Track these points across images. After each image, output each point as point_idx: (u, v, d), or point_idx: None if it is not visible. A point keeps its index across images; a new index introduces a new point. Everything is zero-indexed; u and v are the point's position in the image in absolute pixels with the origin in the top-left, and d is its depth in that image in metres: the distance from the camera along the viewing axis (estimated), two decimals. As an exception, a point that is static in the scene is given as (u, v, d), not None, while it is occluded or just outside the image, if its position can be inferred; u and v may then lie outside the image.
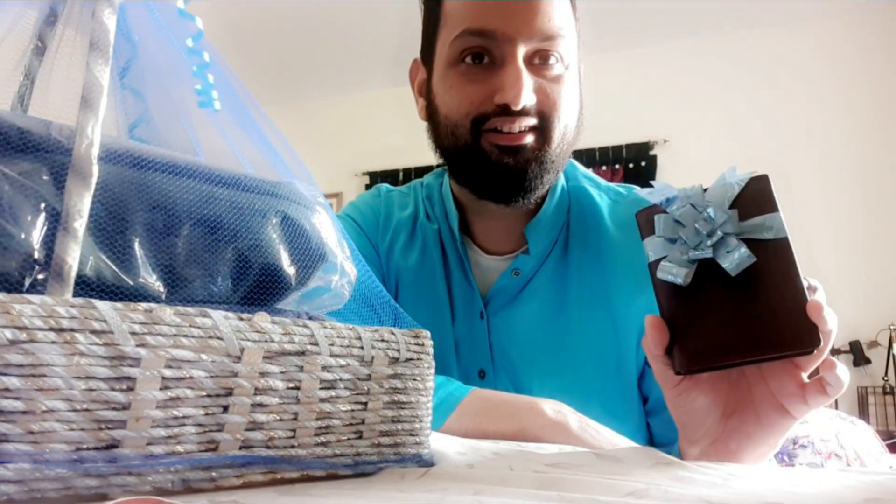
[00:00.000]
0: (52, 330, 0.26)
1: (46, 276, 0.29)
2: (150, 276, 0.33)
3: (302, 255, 0.40)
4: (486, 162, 0.70)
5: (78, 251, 0.29)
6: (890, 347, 3.26)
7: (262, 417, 0.32)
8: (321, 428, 0.35)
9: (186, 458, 0.30)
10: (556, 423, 0.55)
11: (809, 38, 3.67)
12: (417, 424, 0.41)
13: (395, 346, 0.39)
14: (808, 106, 3.65)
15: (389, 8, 3.49)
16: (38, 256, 0.29)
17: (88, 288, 0.31)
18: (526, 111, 0.68)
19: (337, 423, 0.36)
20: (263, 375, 0.32)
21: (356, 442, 0.37)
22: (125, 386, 0.28)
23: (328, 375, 0.35)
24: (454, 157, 0.73)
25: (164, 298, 0.34)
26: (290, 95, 4.66)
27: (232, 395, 0.31)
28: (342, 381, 0.36)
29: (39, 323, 0.26)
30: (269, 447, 0.33)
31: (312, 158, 4.05)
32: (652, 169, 3.89)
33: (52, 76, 0.40)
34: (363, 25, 3.77)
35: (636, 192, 0.82)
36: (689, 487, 0.33)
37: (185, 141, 0.43)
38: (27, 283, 0.29)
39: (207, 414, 0.30)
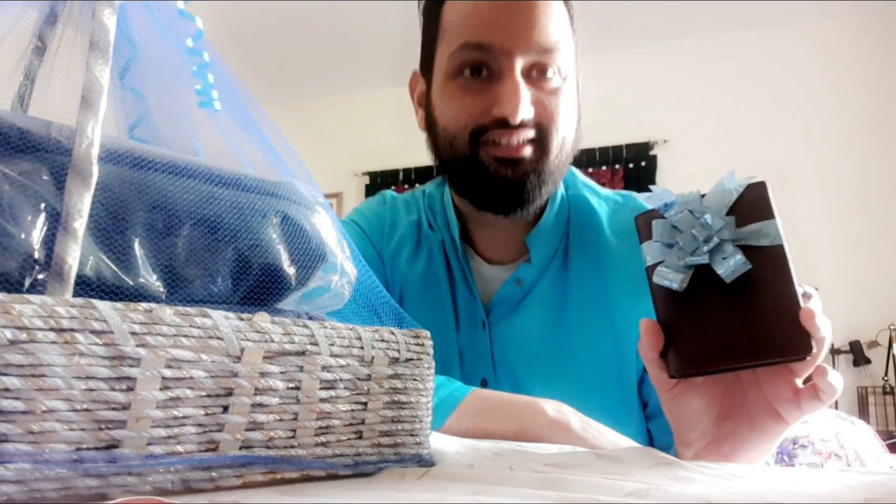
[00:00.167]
0: (52, 330, 0.26)
1: (46, 276, 0.29)
2: (150, 276, 0.33)
3: (302, 255, 0.40)
4: (484, 173, 0.70)
5: (78, 251, 0.29)
6: (890, 347, 3.26)
7: (262, 417, 0.32)
8: (321, 428, 0.35)
9: (186, 458, 0.30)
10: (557, 422, 0.55)
11: (808, 37, 3.67)
12: (417, 424, 0.41)
13: (395, 346, 0.39)
14: (807, 106, 3.65)
15: (389, 8, 3.49)
16: (38, 256, 0.29)
17: (88, 288, 0.31)
18: (524, 124, 0.68)
19: (337, 423, 0.36)
20: (263, 375, 0.32)
21: (356, 442, 0.37)
22: (125, 386, 0.28)
23: (328, 375, 0.35)
24: (453, 168, 0.74)
25: (164, 298, 0.34)
26: (290, 95, 4.66)
27: (232, 395, 0.31)
28: (342, 381, 0.36)
29: (39, 323, 0.26)
30: (269, 447, 0.33)
31: (312, 158, 4.05)
32: (652, 169, 3.89)
33: (52, 76, 0.40)
34: (363, 25, 3.77)
35: (634, 197, 0.83)
36: (689, 487, 0.33)
37: (185, 141, 0.43)
38: (27, 283, 0.29)
39: (207, 414, 0.30)
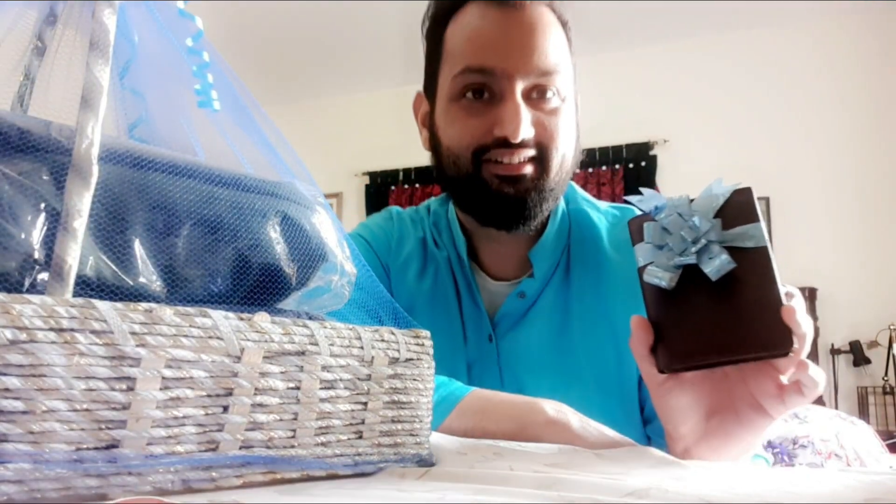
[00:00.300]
0: (52, 330, 0.26)
1: (46, 276, 0.29)
2: (150, 276, 0.33)
3: (302, 255, 0.40)
4: (487, 191, 0.73)
5: (78, 251, 0.29)
6: (890, 347, 3.26)
7: (262, 417, 0.32)
8: (321, 428, 0.35)
9: (186, 458, 0.30)
10: (556, 421, 0.56)
11: (809, 38, 3.67)
12: (417, 424, 0.41)
13: (395, 346, 0.39)
14: (807, 106, 3.65)
15: (390, 8, 3.49)
16: (38, 256, 0.29)
17: (88, 288, 0.31)
18: (525, 143, 0.71)
19: (337, 423, 0.36)
20: (263, 375, 0.32)
21: (356, 442, 0.37)
22: (125, 386, 0.28)
23: (328, 375, 0.35)
24: (457, 185, 0.77)
25: (164, 298, 0.34)
26: (290, 95, 4.66)
27: (232, 395, 0.31)
28: (342, 381, 0.36)
29: (39, 323, 0.26)
30: (269, 447, 0.33)
31: (312, 158, 4.05)
32: (652, 169, 3.89)
33: (52, 76, 0.40)
34: (363, 26, 3.77)
35: (632, 210, 0.85)
36: (689, 487, 0.33)
37: (185, 141, 0.43)
38: (27, 283, 0.29)
39: (207, 414, 0.30)
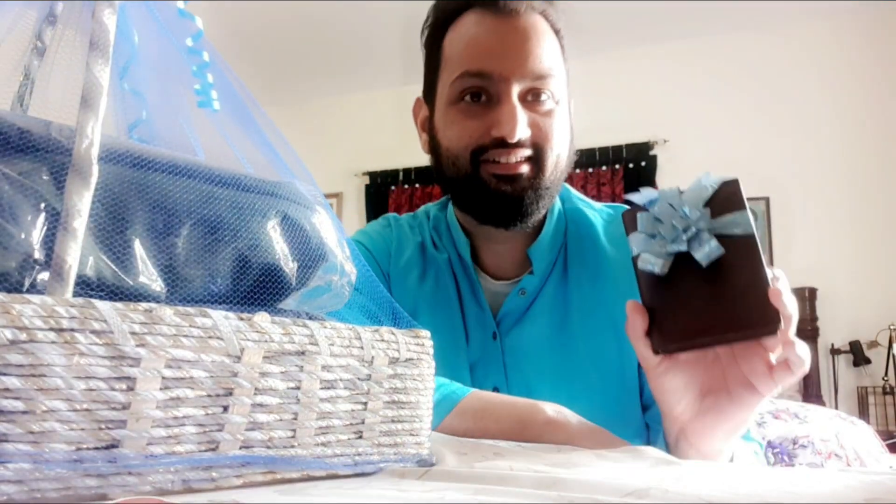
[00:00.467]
0: (52, 330, 0.26)
1: (46, 276, 0.29)
2: (150, 275, 0.33)
3: (302, 255, 0.40)
4: (485, 190, 0.75)
5: (78, 251, 0.29)
6: (890, 347, 3.26)
7: (262, 417, 0.32)
8: (321, 428, 0.35)
9: (186, 458, 0.30)
10: (555, 422, 0.56)
11: (809, 38, 3.67)
12: (417, 424, 0.41)
13: (395, 346, 0.39)
14: (807, 106, 3.65)
15: (390, 8, 3.49)
16: (38, 256, 0.29)
17: (88, 288, 0.31)
18: (521, 143, 0.74)
19: (337, 423, 0.36)
20: (263, 375, 0.32)
21: (356, 442, 0.37)
22: (125, 386, 0.28)
23: (328, 375, 0.35)
24: (456, 186, 0.79)
25: (164, 298, 0.34)
26: (290, 95, 4.66)
27: (232, 395, 0.31)
28: (342, 381, 0.36)
29: (39, 323, 0.26)
30: (269, 447, 0.33)
31: (312, 158, 4.06)
32: (652, 169, 3.88)
33: (52, 76, 0.40)
34: (363, 26, 3.77)
35: (630, 197, 0.86)
36: (689, 487, 0.33)
37: (185, 141, 0.43)
38: (27, 282, 0.29)
39: (207, 414, 0.30)
